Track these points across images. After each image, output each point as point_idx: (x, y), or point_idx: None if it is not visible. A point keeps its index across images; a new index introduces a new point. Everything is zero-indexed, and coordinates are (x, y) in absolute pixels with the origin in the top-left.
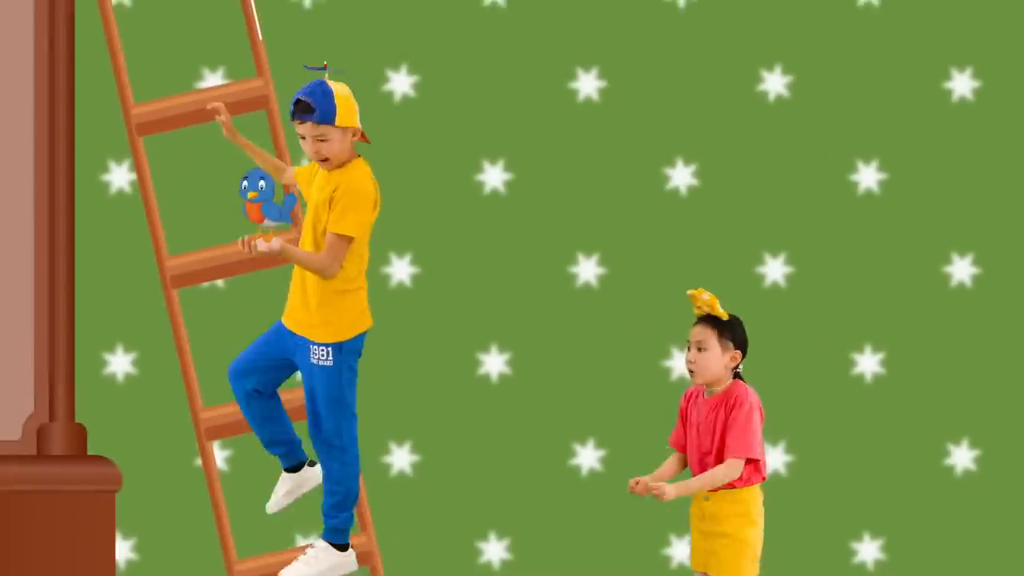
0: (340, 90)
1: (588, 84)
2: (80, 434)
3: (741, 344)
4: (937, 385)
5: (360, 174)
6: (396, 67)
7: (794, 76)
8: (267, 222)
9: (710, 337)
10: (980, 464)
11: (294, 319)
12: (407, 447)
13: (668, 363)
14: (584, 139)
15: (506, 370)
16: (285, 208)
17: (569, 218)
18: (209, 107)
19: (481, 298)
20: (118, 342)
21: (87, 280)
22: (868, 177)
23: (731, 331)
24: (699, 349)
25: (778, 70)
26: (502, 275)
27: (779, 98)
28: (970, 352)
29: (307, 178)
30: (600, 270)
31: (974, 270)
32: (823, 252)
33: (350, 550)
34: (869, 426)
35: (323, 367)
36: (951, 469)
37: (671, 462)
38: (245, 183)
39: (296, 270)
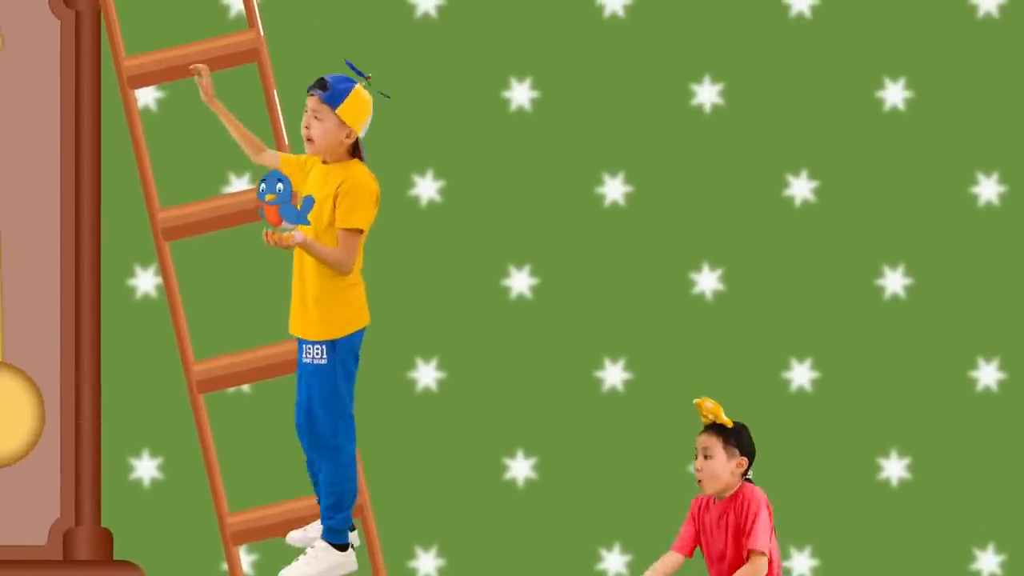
0: (362, 93)
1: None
2: (106, 539)
3: (747, 451)
4: (964, 491)
5: (362, 171)
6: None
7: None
8: (285, 224)
9: (716, 445)
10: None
11: (294, 322)
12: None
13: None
14: (607, 244)
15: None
16: (303, 211)
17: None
18: (191, 67)
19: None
20: (144, 447)
21: (113, 385)
22: (895, 283)
23: (736, 438)
24: (705, 457)
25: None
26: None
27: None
28: (989, 457)
29: (296, 168)
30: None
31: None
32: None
33: (350, 550)
34: (895, 531)
35: (317, 365)
36: (978, 573)
37: (667, 560)
38: (263, 185)
39: (296, 272)
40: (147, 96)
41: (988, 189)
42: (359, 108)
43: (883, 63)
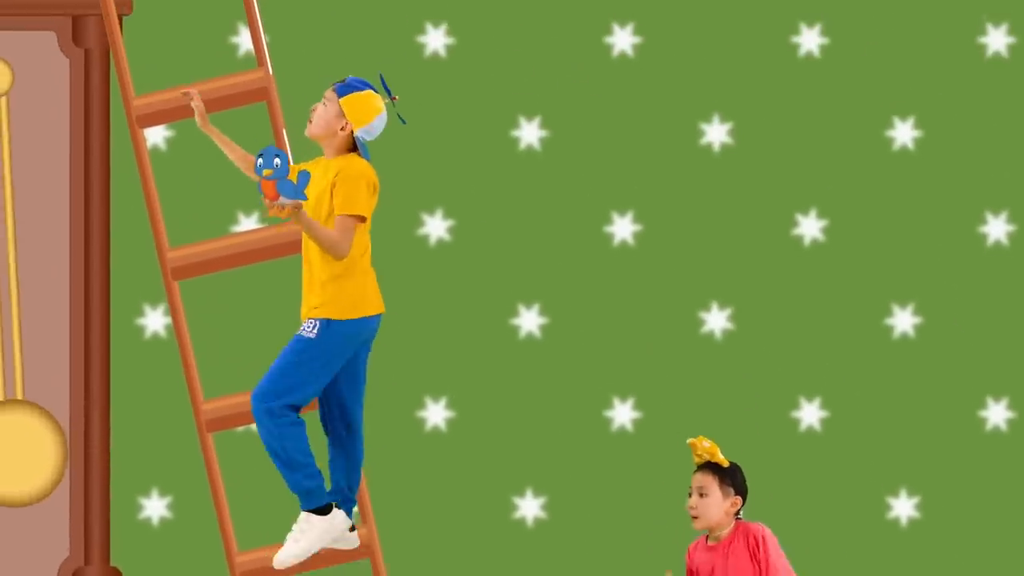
0: (373, 99)
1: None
2: None
3: (741, 490)
4: (973, 531)
5: (358, 162)
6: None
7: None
8: (282, 199)
9: (711, 483)
10: None
11: (304, 309)
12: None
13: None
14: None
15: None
16: (300, 185)
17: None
18: (182, 92)
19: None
20: (153, 486)
21: (122, 424)
22: (904, 322)
23: (732, 477)
24: (700, 495)
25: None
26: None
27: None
28: (998, 497)
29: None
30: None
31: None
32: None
33: (334, 510)
34: (905, 570)
35: (303, 337)
36: None
37: None
38: (260, 160)
39: (304, 263)
40: (156, 135)
41: (997, 228)
42: (363, 107)
43: (892, 102)
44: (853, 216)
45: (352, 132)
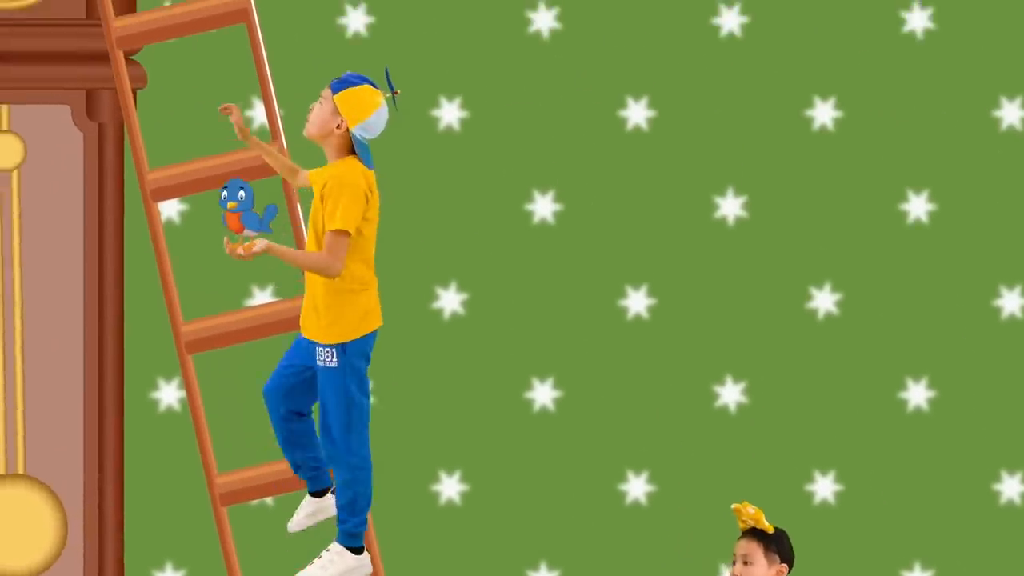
0: (368, 93)
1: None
2: None
3: (788, 557)
4: None
5: (348, 168)
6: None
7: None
8: (247, 231)
9: (756, 551)
10: None
11: (306, 325)
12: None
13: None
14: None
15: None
16: (266, 218)
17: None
18: (221, 108)
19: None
20: (167, 559)
21: (136, 497)
22: (918, 396)
23: (777, 544)
24: (745, 563)
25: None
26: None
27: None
28: (1016, 567)
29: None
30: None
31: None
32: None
33: (365, 554)
34: None
35: (328, 369)
36: None
37: None
38: (224, 193)
39: (306, 276)
40: (170, 208)
41: (1012, 302)
42: (358, 103)
43: (907, 175)
44: (867, 290)
45: (348, 130)
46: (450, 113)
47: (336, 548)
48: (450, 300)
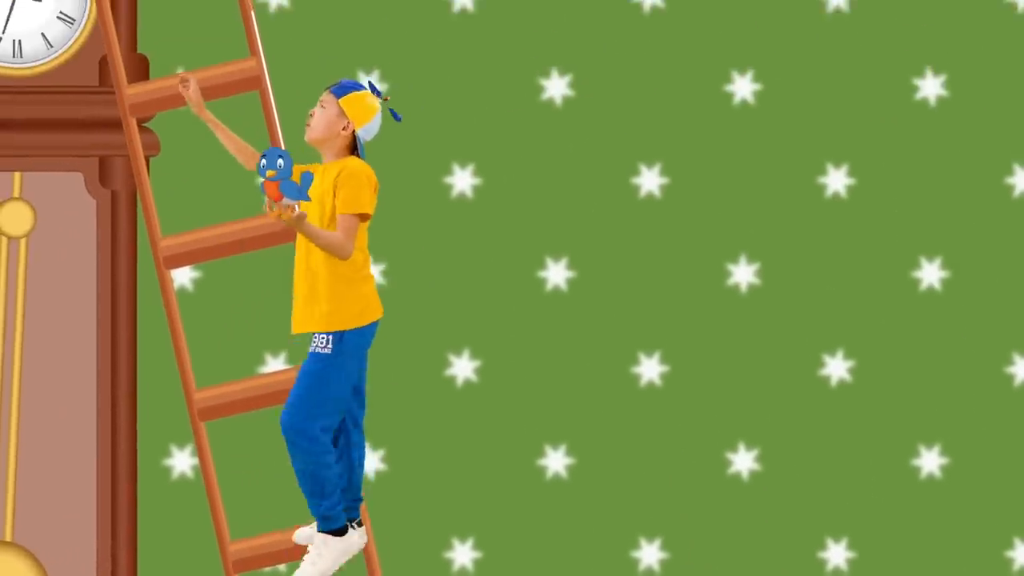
0: (369, 97)
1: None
2: None
3: None
4: None
5: (358, 162)
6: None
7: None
8: (285, 200)
9: None
10: None
11: (299, 319)
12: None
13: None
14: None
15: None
16: (303, 186)
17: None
18: (178, 78)
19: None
20: None
21: (149, 565)
22: (931, 461)
23: None
24: None
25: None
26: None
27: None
28: None
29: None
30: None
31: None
32: None
33: (350, 530)
34: None
35: (318, 353)
36: None
37: None
38: (263, 161)
39: (299, 267)
40: (183, 276)
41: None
42: (362, 106)
43: (919, 243)
44: (879, 357)
45: (353, 132)
46: (463, 180)
47: (319, 539)
48: (463, 367)
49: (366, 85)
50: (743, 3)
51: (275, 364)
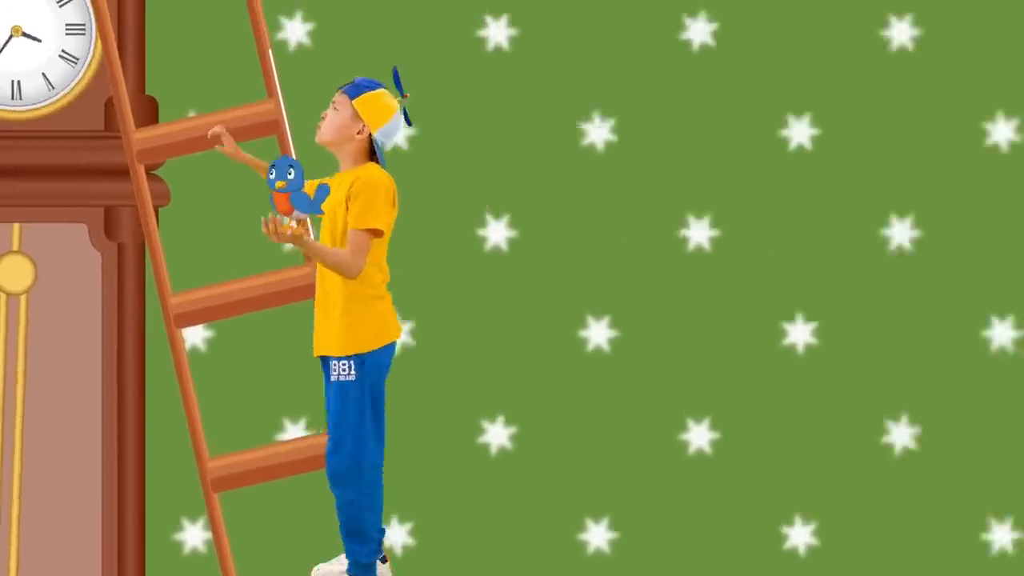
0: (386, 97)
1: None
2: None
3: None
4: None
5: (374, 171)
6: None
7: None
8: (296, 213)
9: None
10: None
11: (319, 343)
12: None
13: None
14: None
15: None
16: (317, 199)
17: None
18: (210, 134)
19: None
20: None
21: None
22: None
23: None
24: None
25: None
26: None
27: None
28: None
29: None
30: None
31: None
32: None
33: (378, 565)
34: None
35: (344, 383)
36: None
37: None
38: (273, 172)
39: (317, 287)
40: (195, 335)
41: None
42: (378, 107)
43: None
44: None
45: (370, 135)
46: (497, 232)
47: None
48: (497, 434)
49: (391, 77)
50: (798, 39)
51: (294, 430)
